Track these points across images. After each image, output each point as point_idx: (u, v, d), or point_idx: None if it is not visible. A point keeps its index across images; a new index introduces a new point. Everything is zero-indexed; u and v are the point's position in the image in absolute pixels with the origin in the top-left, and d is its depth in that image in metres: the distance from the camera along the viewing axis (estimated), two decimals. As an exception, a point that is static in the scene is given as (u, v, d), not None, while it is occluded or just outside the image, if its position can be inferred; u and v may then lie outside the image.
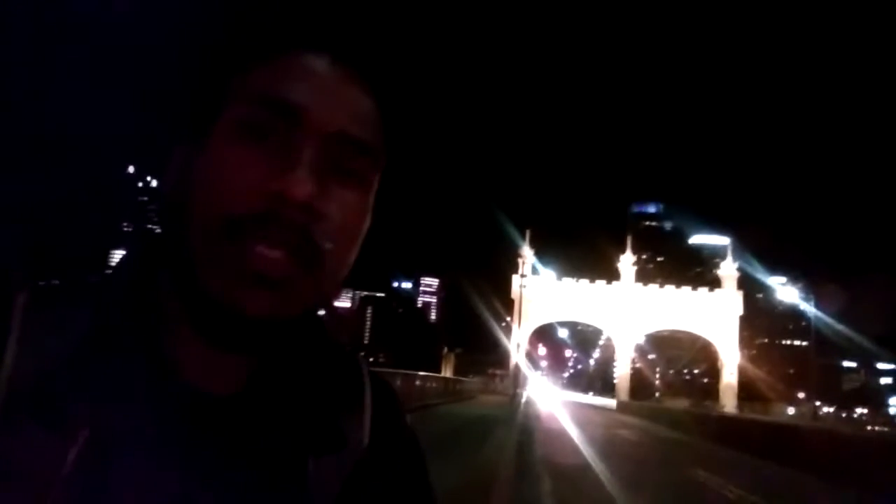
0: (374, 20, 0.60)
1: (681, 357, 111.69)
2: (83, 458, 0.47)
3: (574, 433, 22.74)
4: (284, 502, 0.54)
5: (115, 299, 0.54)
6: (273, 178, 0.52)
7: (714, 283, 79.42)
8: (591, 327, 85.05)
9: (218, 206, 0.52)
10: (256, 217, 0.51)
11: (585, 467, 12.55)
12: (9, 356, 0.48)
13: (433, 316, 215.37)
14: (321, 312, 0.65)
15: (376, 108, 0.59)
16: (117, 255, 0.61)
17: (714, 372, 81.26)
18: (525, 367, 70.69)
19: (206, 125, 0.56)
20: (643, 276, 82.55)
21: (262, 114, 0.53)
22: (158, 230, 0.59)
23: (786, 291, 70.74)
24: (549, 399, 70.98)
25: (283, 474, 0.54)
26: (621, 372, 77.73)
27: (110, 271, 0.58)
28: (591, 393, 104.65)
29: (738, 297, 74.72)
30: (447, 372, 78.32)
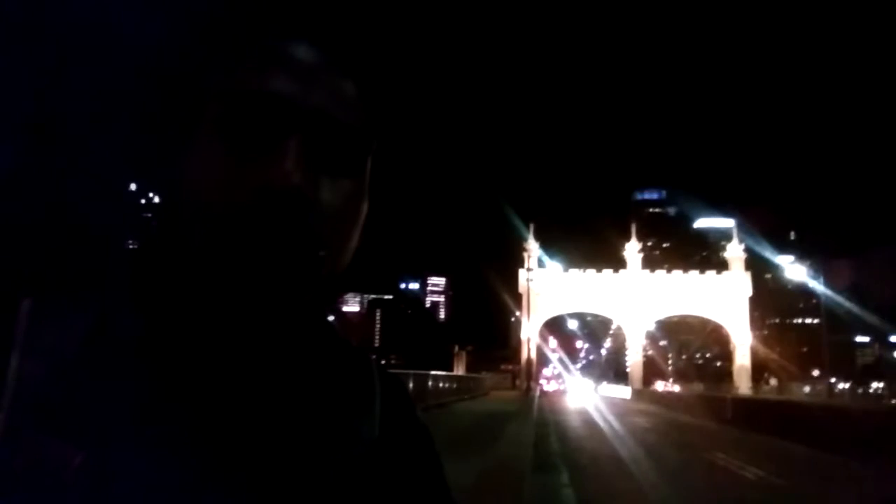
0: (352, 4, 0.59)
1: (692, 342, 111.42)
2: (87, 464, 0.46)
3: (591, 423, 22.74)
4: (294, 499, 0.53)
5: (117, 306, 0.54)
6: (260, 171, 0.51)
7: (721, 265, 79.27)
8: (601, 317, 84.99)
9: (208, 206, 0.52)
10: (248, 213, 0.51)
11: (608, 455, 12.58)
12: (13, 363, 0.48)
13: (442, 315, 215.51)
14: (331, 318, 0.65)
15: (359, 91, 0.58)
16: (121, 265, 0.62)
17: (726, 355, 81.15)
18: (536, 361, 70.61)
19: (190, 127, 0.55)
20: (650, 262, 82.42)
21: (244, 108, 0.53)
22: (159, 240, 0.59)
23: (794, 270, 70.32)
24: (561, 390, 70.85)
25: (292, 472, 0.54)
26: (633, 360, 77.63)
27: (113, 278, 0.58)
28: (603, 382, 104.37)
29: (747, 278, 74.52)
30: (459, 370, 78.19)
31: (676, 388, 66.40)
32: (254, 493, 0.51)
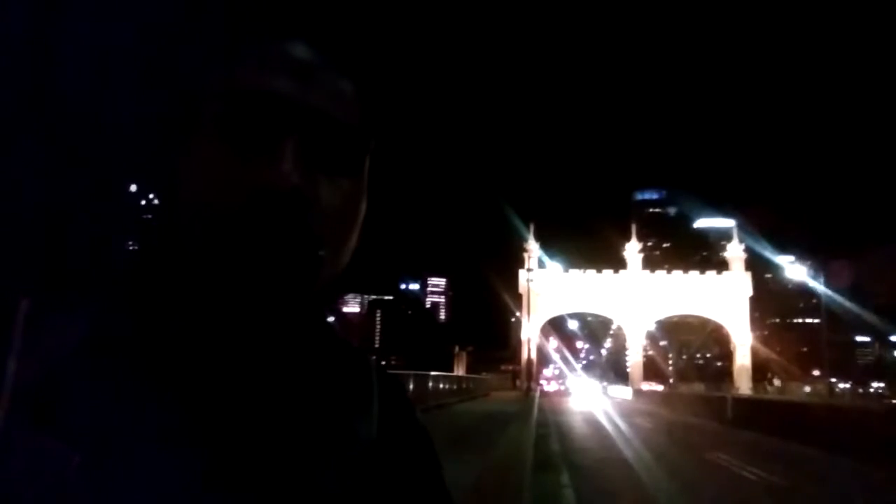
0: (350, 3, 0.60)
1: (692, 342, 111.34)
2: (87, 464, 0.46)
3: (591, 424, 22.69)
4: (292, 500, 0.53)
5: (116, 306, 0.54)
6: (258, 172, 0.51)
7: (722, 265, 79.21)
8: (601, 317, 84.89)
9: (206, 207, 0.52)
10: (247, 214, 0.51)
11: (608, 455, 12.55)
12: (11, 364, 0.48)
13: (442, 316, 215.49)
14: (331, 319, 0.65)
15: (357, 90, 0.58)
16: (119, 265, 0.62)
17: (727, 355, 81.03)
18: (536, 361, 70.57)
19: (188, 127, 0.55)
20: (650, 262, 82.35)
21: (242, 108, 0.53)
22: (158, 241, 0.58)
23: (794, 270, 70.33)
24: (562, 391, 70.87)
25: (291, 472, 0.54)
26: (633, 360, 77.53)
27: (110, 278, 0.58)
28: (604, 383, 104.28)
29: (747, 278, 74.43)
30: (459, 370, 78.09)
31: (660, 388, 69.19)
32: (252, 494, 0.51)
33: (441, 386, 26.25)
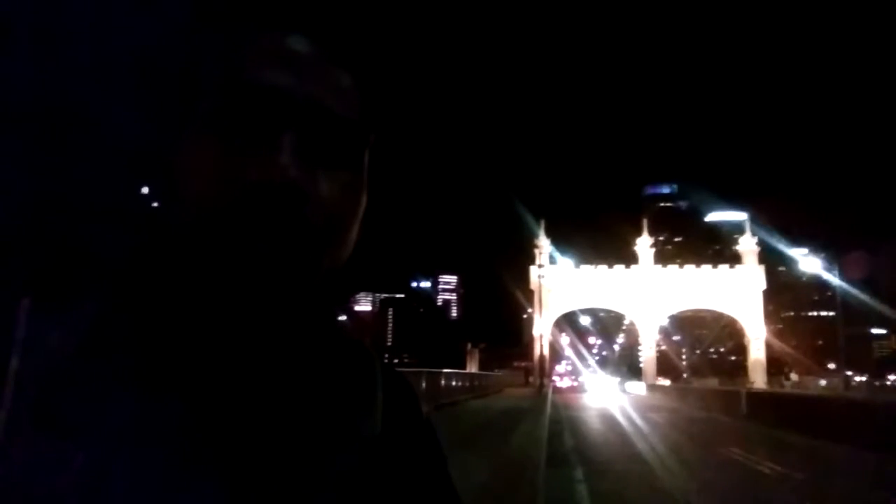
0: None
1: (706, 336, 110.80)
2: (88, 463, 0.46)
3: (605, 419, 22.62)
4: (294, 497, 0.53)
5: (115, 304, 0.54)
6: (256, 166, 0.51)
7: (734, 259, 78.55)
8: (613, 313, 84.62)
9: (204, 202, 0.52)
10: (245, 208, 0.51)
11: (621, 451, 12.51)
12: (12, 363, 0.48)
13: (454, 313, 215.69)
14: (342, 318, 0.65)
15: (355, 83, 0.58)
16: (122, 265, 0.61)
17: (741, 349, 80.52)
18: (549, 357, 70.44)
19: (186, 122, 0.55)
20: (662, 257, 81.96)
21: (239, 102, 0.52)
22: (157, 237, 0.58)
23: (808, 262, 69.55)
24: (575, 387, 70.80)
25: (293, 469, 0.53)
26: (647, 355, 77.18)
27: (110, 277, 0.57)
28: (618, 379, 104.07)
29: (760, 271, 73.84)
30: (472, 368, 78.17)
31: (667, 382, 68.71)
32: (254, 492, 0.51)
33: (453, 383, 26.27)
